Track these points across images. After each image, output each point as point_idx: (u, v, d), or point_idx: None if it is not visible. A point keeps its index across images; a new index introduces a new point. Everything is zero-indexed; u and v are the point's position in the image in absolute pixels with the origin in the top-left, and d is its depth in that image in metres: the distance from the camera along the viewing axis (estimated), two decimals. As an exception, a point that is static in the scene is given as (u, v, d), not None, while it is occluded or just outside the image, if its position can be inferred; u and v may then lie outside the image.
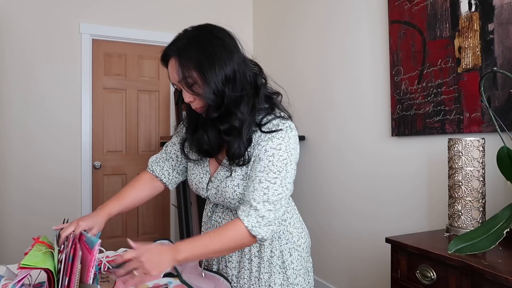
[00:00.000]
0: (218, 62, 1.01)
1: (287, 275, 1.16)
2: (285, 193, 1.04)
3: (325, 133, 2.85)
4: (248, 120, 1.05)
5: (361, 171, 2.50)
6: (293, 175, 1.07)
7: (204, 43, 1.03)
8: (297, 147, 1.08)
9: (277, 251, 1.16)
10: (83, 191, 3.29)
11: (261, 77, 1.13)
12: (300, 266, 1.19)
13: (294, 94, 3.23)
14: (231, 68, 1.03)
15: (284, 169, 1.03)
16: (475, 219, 1.44)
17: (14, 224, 3.08)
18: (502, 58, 1.64)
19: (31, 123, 3.14)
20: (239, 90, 1.04)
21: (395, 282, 1.46)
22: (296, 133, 1.10)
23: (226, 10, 3.86)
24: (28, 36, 3.13)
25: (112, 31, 3.39)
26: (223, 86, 1.02)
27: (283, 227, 1.18)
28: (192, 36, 1.05)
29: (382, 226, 2.33)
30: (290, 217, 1.21)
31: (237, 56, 1.06)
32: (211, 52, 1.02)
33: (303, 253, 1.22)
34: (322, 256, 2.86)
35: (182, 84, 1.04)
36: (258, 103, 1.08)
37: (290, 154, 1.05)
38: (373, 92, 2.40)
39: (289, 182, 1.05)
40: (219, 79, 1.01)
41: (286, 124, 1.07)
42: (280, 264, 1.16)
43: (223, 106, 1.03)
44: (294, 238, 1.19)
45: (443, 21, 1.90)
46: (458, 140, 1.46)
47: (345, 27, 2.65)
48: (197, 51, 1.02)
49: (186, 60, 1.02)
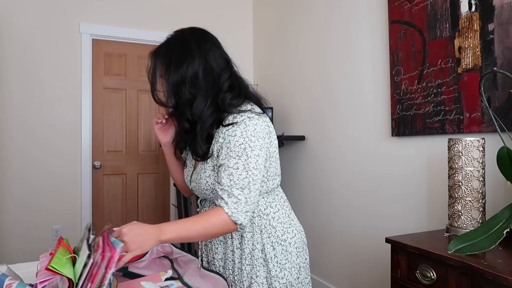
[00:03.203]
0: (176, 65, 1.13)
1: (269, 267, 1.16)
2: (251, 178, 1.06)
3: (326, 133, 2.85)
4: (207, 119, 1.13)
5: (361, 171, 2.50)
6: (258, 162, 1.08)
7: (172, 47, 1.16)
8: (260, 134, 1.10)
9: (259, 244, 1.17)
10: (83, 190, 3.30)
11: (231, 80, 1.18)
12: (285, 260, 1.19)
13: (295, 94, 3.23)
14: (191, 70, 1.12)
15: (244, 153, 1.06)
16: (475, 219, 1.44)
17: (14, 220, 3.08)
18: (502, 58, 1.64)
19: (31, 123, 3.14)
20: (198, 91, 1.13)
21: (395, 282, 1.46)
22: (260, 121, 1.12)
23: (226, 10, 3.86)
24: (28, 36, 3.13)
25: (112, 31, 3.39)
26: (181, 85, 1.12)
27: (265, 221, 1.19)
28: (168, 40, 1.20)
29: (382, 226, 2.33)
30: (275, 212, 1.21)
31: (202, 59, 1.14)
32: (174, 55, 1.14)
33: (290, 248, 1.21)
34: (322, 256, 2.86)
35: (149, 80, 1.17)
36: (223, 103, 1.14)
37: (249, 140, 1.07)
38: (373, 92, 2.40)
39: (253, 167, 1.07)
40: (175, 80, 1.13)
41: (245, 116, 1.11)
42: (264, 257, 1.17)
43: (181, 104, 1.15)
44: (277, 232, 1.19)
45: (443, 21, 1.90)
46: (458, 140, 1.46)
47: (345, 27, 2.65)
48: (166, 52, 1.16)
49: (156, 59, 1.17)
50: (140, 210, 3.57)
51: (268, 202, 1.21)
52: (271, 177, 1.20)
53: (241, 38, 3.94)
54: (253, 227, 1.18)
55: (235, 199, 1.05)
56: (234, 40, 3.90)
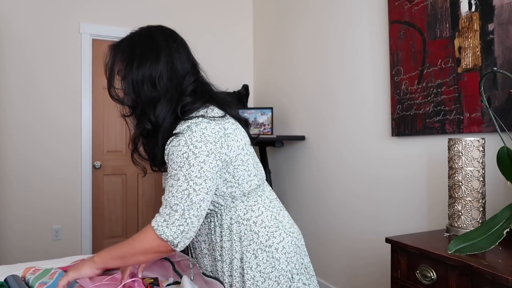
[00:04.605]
0: (139, 62, 1.06)
1: (244, 279, 1.06)
2: (192, 188, 0.97)
3: (326, 133, 2.85)
4: (167, 128, 1.05)
5: (361, 171, 2.50)
6: (204, 169, 0.99)
7: (136, 42, 1.10)
8: (209, 139, 1.00)
9: (238, 253, 1.07)
10: (83, 190, 3.29)
11: (195, 85, 1.12)
12: (271, 268, 1.07)
13: (294, 94, 3.23)
14: (153, 70, 1.06)
15: (186, 162, 0.98)
16: (475, 219, 1.44)
17: (15, 220, 3.08)
18: (502, 58, 1.64)
19: (31, 122, 3.14)
20: (160, 92, 1.06)
21: (395, 282, 1.46)
22: (211, 126, 1.03)
23: (226, 10, 3.86)
24: (28, 36, 3.13)
25: (112, 31, 3.39)
26: (142, 84, 1.06)
27: (244, 226, 1.08)
28: (131, 35, 1.13)
29: (382, 226, 2.33)
30: (257, 216, 1.09)
31: (165, 60, 1.08)
32: (137, 51, 1.07)
33: (278, 254, 1.08)
34: (323, 255, 2.86)
35: (106, 76, 1.11)
36: (181, 109, 1.06)
37: (193, 147, 0.99)
38: (373, 92, 2.40)
39: (196, 176, 0.98)
40: (136, 78, 1.06)
41: (191, 122, 1.02)
42: (242, 267, 1.07)
43: (139, 106, 1.08)
44: (261, 238, 1.07)
45: (443, 21, 1.90)
46: (458, 140, 1.46)
47: (345, 27, 2.65)
48: (128, 47, 1.09)
49: (116, 53, 1.10)
50: (140, 210, 3.57)
51: (248, 206, 1.09)
52: (243, 180, 1.08)
53: (241, 38, 3.94)
54: (231, 235, 1.07)
55: (168, 211, 0.98)
56: (234, 41, 3.90)
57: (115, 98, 1.14)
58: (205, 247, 1.14)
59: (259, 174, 1.14)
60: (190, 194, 0.97)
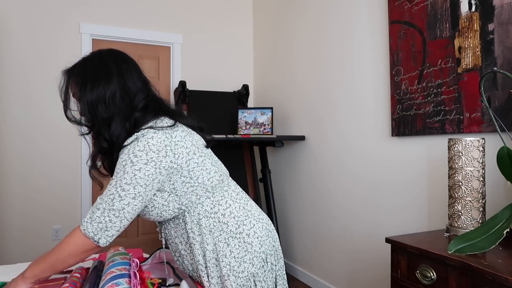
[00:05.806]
0: (92, 84, 1.13)
1: (221, 266, 1.12)
2: (119, 193, 1.06)
3: (326, 133, 2.85)
4: (120, 142, 1.12)
5: (361, 171, 2.50)
6: (137, 176, 1.05)
7: (88, 66, 1.17)
8: (152, 148, 1.06)
9: (209, 245, 1.13)
10: (84, 190, 3.30)
11: (146, 101, 1.17)
12: (244, 252, 1.14)
13: (294, 94, 3.23)
14: (106, 90, 1.13)
15: (122, 170, 1.07)
16: (475, 219, 1.44)
17: (15, 220, 3.08)
18: (502, 58, 1.64)
19: (31, 123, 3.14)
20: (114, 110, 1.13)
21: (395, 282, 1.46)
22: (158, 135, 1.09)
23: (226, 10, 3.86)
24: (28, 36, 3.13)
25: (112, 31, 3.39)
26: (97, 104, 1.12)
27: (213, 220, 1.14)
28: (83, 59, 1.20)
29: (381, 226, 2.33)
30: (225, 208, 1.16)
31: (117, 81, 1.14)
32: (90, 74, 1.14)
33: (249, 239, 1.16)
34: (322, 255, 2.86)
35: (62, 99, 1.18)
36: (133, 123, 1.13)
37: (133, 155, 1.06)
38: (373, 92, 2.40)
39: (127, 182, 1.05)
40: (90, 99, 1.13)
41: (136, 135, 1.09)
42: (215, 257, 1.13)
43: (95, 126, 1.15)
44: (230, 227, 1.14)
45: (443, 21, 1.90)
46: (458, 140, 1.46)
47: (345, 27, 2.65)
48: (81, 70, 1.16)
49: (69, 78, 1.17)
50: (140, 210, 3.57)
51: (215, 201, 1.16)
52: (203, 179, 1.14)
53: (241, 39, 3.94)
54: (201, 229, 1.13)
55: (93, 209, 1.07)
56: (234, 41, 3.91)
57: (71, 120, 1.21)
58: (182, 248, 1.19)
59: (219, 170, 1.21)
60: (114, 198, 1.06)
